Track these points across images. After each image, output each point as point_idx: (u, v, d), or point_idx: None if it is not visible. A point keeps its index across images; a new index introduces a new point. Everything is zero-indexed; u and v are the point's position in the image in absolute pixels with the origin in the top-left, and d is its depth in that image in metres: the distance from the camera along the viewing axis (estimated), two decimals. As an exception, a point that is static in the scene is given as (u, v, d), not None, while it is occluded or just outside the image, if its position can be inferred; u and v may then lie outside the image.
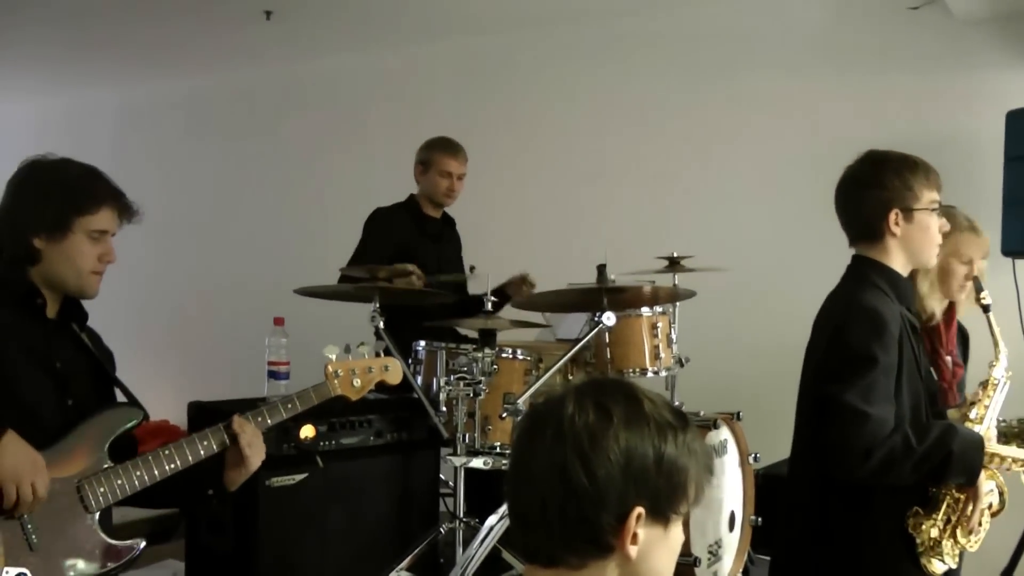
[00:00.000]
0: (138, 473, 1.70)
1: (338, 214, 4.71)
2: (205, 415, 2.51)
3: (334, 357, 1.95)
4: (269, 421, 1.86)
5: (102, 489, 1.68)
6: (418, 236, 3.35)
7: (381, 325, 2.64)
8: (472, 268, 3.34)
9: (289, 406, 1.88)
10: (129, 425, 1.76)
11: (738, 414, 2.79)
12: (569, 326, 3.22)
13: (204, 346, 5.41)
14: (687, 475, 1.01)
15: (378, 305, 2.64)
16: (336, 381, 1.95)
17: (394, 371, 2.04)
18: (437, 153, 3.35)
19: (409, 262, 3.03)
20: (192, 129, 5.60)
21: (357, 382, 1.98)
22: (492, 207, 4.32)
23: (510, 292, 3.26)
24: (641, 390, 1.05)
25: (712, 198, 4.09)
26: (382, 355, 2.05)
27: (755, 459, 2.76)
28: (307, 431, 2.56)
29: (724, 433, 2.64)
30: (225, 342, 5.25)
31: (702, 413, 2.74)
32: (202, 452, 1.77)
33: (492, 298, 2.69)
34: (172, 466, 1.73)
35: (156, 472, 1.71)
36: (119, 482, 1.69)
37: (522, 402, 2.59)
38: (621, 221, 4.21)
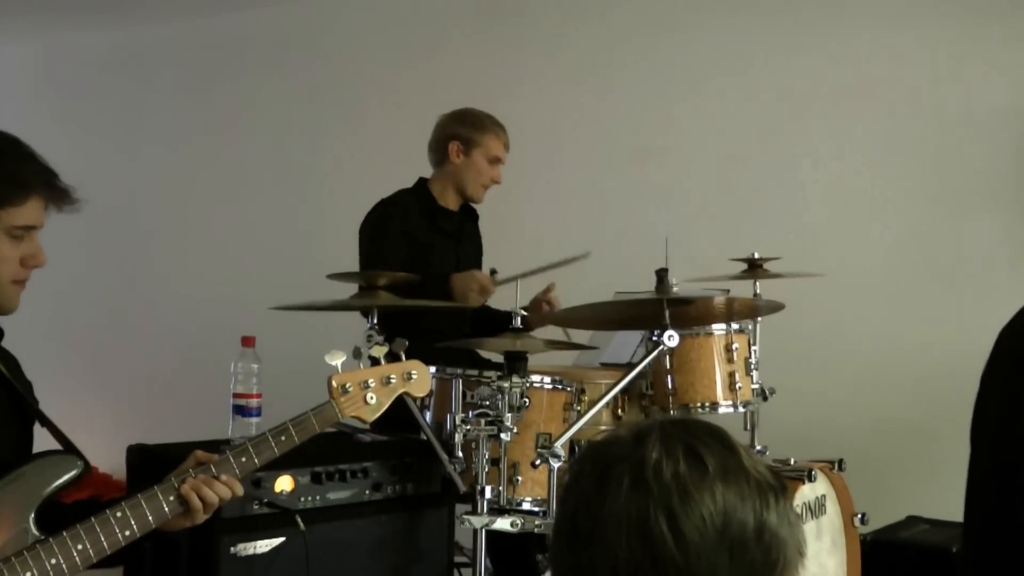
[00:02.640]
0: (80, 547, 1.63)
1: (328, 206, 4.76)
2: (150, 462, 2.50)
3: (339, 366, 1.90)
4: (256, 461, 1.83)
5: (29, 574, 1.59)
6: (430, 232, 3.39)
7: (378, 340, 2.57)
8: (493, 272, 3.38)
9: (283, 439, 1.84)
10: (63, 481, 1.70)
11: (840, 462, 2.80)
12: (618, 348, 3.25)
13: (149, 372, 5.45)
14: (785, 552, 1.03)
15: (375, 321, 2.64)
16: (344, 399, 1.91)
17: (421, 379, 2.01)
18: (487, 132, 3.39)
19: (423, 267, 3.06)
20: (132, 93, 5.65)
21: (372, 397, 1.94)
22: (517, 194, 4.30)
23: (530, 318, 3.24)
24: (733, 438, 1.06)
25: (805, 184, 4.10)
26: (403, 357, 2.00)
27: (862, 520, 2.77)
28: (283, 483, 2.53)
29: (822, 487, 2.64)
30: (178, 367, 5.30)
31: (793, 461, 2.76)
32: (167, 510, 1.74)
33: (522, 311, 2.71)
34: (128, 533, 1.68)
35: (106, 544, 1.65)
36: (53, 561, 1.61)
37: (560, 446, 2.59)
38: (686, 213, 4.23)
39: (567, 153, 4.52)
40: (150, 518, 1.72)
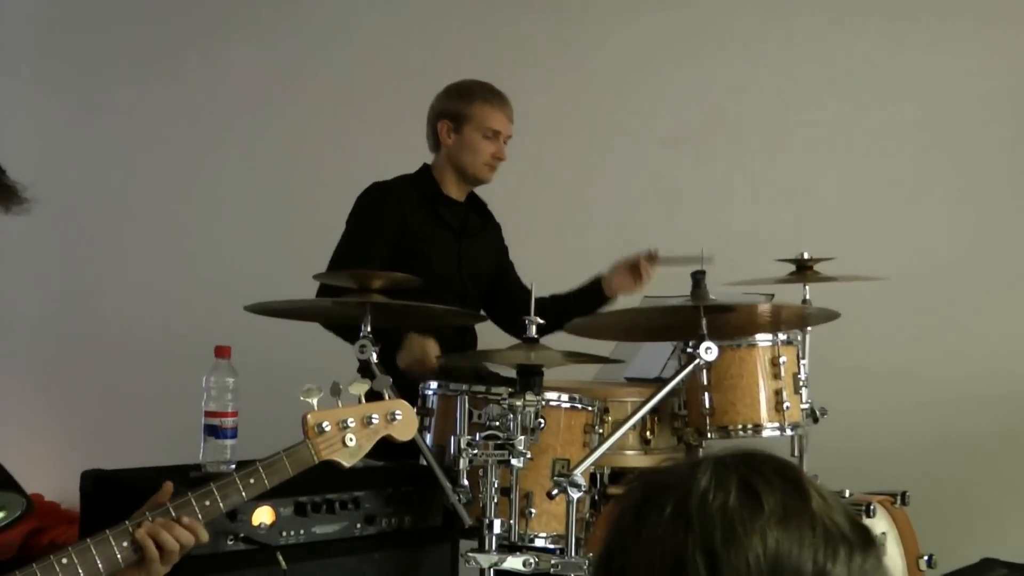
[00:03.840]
0: None
1: (313, 193, 4.77)
2: (107, 491, 2.49)
3: (316, 403, 1.94)
4: (222, 506, 1.85)
5: None
6: (428, 223, 3.40)
7: (374, 358, 2.65)
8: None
9: (251, 482, 1.87)
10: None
11: (903, 496, 2.78)
12: (647, 361, 3.27)
13: (106, 387, 5.40)
14: None
15: (369, 329, 2.65)
16: (321, 440, 1.94)
17: (406, 420, 2.05)
18: (478, 103, 3.39)
19: (418, 263, 3.05)
20: (83, 61, 5.61)
21: (352, 440, 1.97)
22: (530, 185, 4.33)
23: (613, 286, 3.35)
24: (810, 479, 1.04)
25: (863, 174, 4.07)
26: (387, 396, 2.06)
27: (929, 563, 2.74)
28: (262, 515, 2.52)
29: (882, 524, 2.64)
30: (141, 381, 5.26)
31: (848, 493, 2.74)
32: (120, 558, 1.73)
33: (537, 319, 2.69)
34: None
35: None
36: None
37: (581, 474, 2.59)
38: (725, 206, 4.22)
39: (586, 138, 4.53)
40: (100, 566, 1.71)
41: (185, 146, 5.36)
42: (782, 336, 2.92)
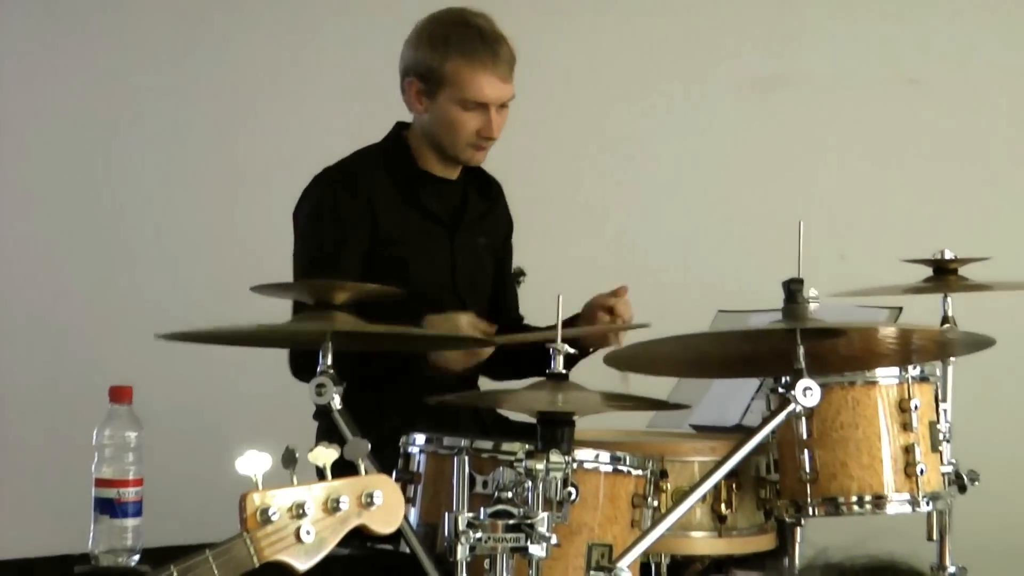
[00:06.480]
0: None
1: (252, 180, 4.84)
2: None
3: (259, 479, 1.88)
4: None
5: None
6: (409, 220, 3.42)
7: (336, 402, 2.64)
8: (519, 274, 3.51)
9: None
10: None
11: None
12: (719, 403, 3.31)
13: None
14: None
15: (330, 364, 2.63)
16: (265, 533, 1.90)
17: (388, 505, 2.03)
18: (455, 59, 3.37)
19: (398, 274, 3.13)
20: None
21: (310, 533, 1.94)
22: (552, 162, 4.41)
23: (590, 337, 3.31)
24: None
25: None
26: (363, 470, 2.03)
27: None
28: None
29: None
30: (7, 436, 5.19)
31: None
32: None
33: (565, 346, 2.66)
34: None
35: None
36: None
37: (628, 566, 2.57)
38: (830, 185, 4.28)
39: (627, 102, 4.67)
40: None
41: (82, 121, 5.38)
42: (914, 370, 2.89)
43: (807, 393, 2.63)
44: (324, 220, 3.37)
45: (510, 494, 2.54)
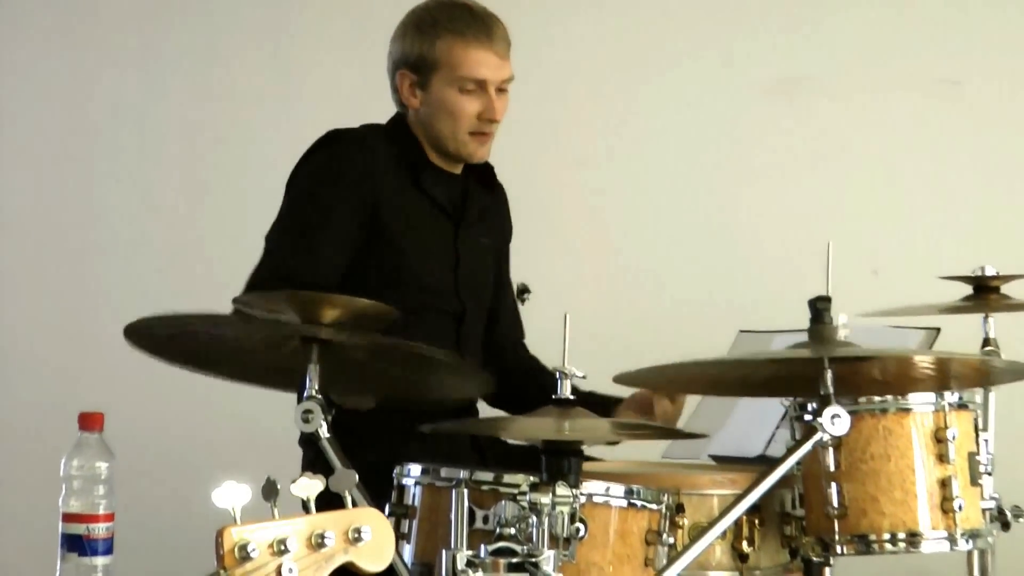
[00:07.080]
0: None
1: (230, 200, 4.85)
2: None
3: (237, 513, 1.86)
4: None
5: None
6: (415, 204, 3.42)
7: (324, 430, 2.62)
8: (523, 291, 3.49)
9: None
10: None
11: None
12: (741, 431, 3.33)
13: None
14: None
15: (316, 385, 2.61)
16: (243, 571, 1.87)
17: (378, 541, 1.99)
18: (446, 38, 3.39)
19: (396, 268, 3.19)
20: None
21: (292, 570, 1.91)
22: (565, 176, 4.41)
23: (633, 409, 3.34)
24: None
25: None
26: (350, 503, 2.00)
27: None
28: None
29: None
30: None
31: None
32: None
33: (573, 369, 2.65)
34: None
35: None
36: None
37: None
38: (861, 195, 4.30)
39: (646, 96, 4.71)
40: None
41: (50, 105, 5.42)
42: (951, 397, 2.87)
43: (835, 421, 2.62)
44: (324, 184, 3.35)
45: (513, 530, 2.55)
